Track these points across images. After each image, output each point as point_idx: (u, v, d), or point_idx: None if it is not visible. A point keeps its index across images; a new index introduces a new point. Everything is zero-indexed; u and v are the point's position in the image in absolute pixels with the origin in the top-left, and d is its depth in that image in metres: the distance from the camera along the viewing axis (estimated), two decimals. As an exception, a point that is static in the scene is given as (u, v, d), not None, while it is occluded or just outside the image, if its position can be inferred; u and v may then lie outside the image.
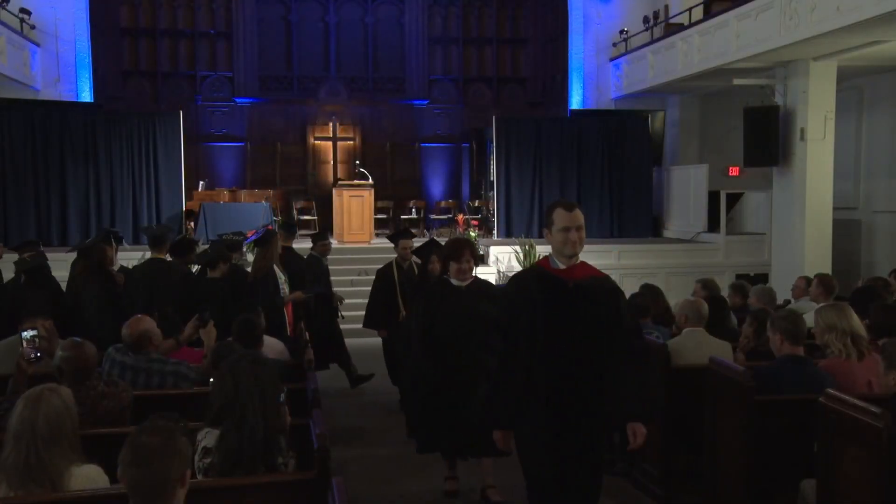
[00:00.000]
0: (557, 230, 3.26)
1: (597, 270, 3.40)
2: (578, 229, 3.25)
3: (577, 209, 3.30)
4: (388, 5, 17.72)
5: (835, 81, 10.82)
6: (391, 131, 17.69)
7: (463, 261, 4.55)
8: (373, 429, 6.46)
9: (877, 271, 10.70)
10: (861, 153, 12.45)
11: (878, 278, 7.04)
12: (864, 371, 4.01)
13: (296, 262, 7.27)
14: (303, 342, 5.41)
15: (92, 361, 3.49)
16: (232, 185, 16.18)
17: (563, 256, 3.30)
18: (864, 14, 8.32)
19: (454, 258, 4.56)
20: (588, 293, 3.28)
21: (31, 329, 3.69)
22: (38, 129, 12.39)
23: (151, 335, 4.10)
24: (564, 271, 3.29)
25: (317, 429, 3.08)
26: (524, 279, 3.45)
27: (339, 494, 2.46)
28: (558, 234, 3.26)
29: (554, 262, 3.34)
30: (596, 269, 3.41)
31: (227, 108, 17.13)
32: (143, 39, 16.91)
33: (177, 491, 2.18)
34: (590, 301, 3.27)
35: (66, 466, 2.57)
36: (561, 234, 3.26)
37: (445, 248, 4.71)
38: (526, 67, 18.12)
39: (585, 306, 3.26)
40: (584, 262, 3.36)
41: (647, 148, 14.04)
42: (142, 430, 2.23)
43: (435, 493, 4.93)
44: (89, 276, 6.00)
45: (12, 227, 12.15)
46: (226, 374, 2.90)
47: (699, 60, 11.94)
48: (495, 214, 13.70)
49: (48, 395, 2.62)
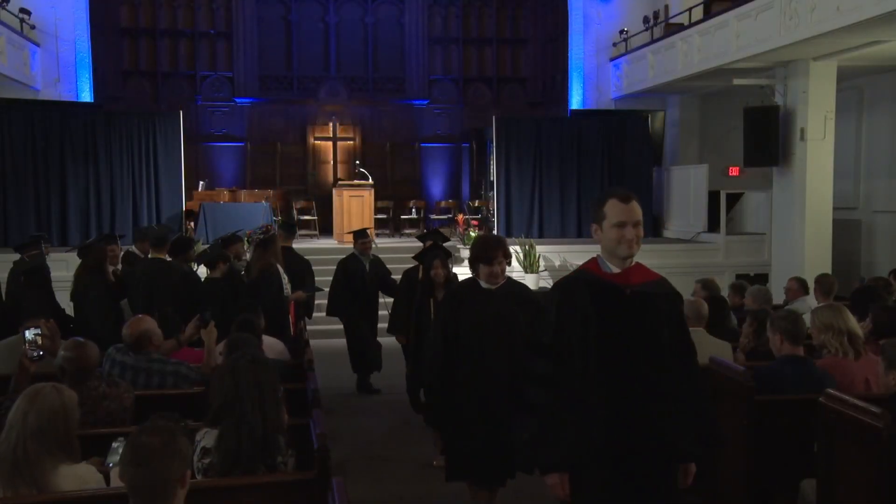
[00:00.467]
0: (611, 226, 2.72)
1: (653, 272, 2.90)
2: (636, 225, 2.72)
3: (635, 201, 2.74)
4: (388, 5, 17.72)
5: (835, 81, 10.82)
6: (391, 131, 17.70)
7: (495, 263, 3.91)
8: (373, 429, 6.46)
9: (877, 271, 10.71)
10: (861, 153, 12.45)
11: (878, 278, 7.05)
12: (861, 370, 4.03)
13: (296, 262, 7.28)
14: (303, 342, 5.41)
15: (94, 361, 3.49)
16: (232, 185, 16.18)
17: (616, 258, 2.76)
18: (864, 14, 8.31)
19: (484, 260, 3.92)
20: (648, 301, 2.77)
21: (33, 328, 3.70)
22: (38, 129, 12.38)
23: (152, 335, 4.10)
24: (619, 276, 2.77)
25: (317, 429, 3.09)
26: (571, 288, 2.82)
27: (339, 494, 2.46)
28: (612, 230, 2.72)
29: (605, 266, 2.80)
30: (651, 270, 2.90)
31: (227, 108, 17.14)
32: (143, 39, 16.91)
33: (177, 491, 2.18)
34: (650, 311, 2.76)
35: (53, 465, 2.56)
36: (615, 230, 2.71)
37: (474, 248, 4.03)
38: (526, 67, 18.12)
39: (646, 317, 2.75)
40: (639, 264, 2.85)
41: (647, 148, 14.04)
42: (142, 431, 2.24)
43: (435, 494, 4.92)
44: (89, 276, 6.01)
45: (12, 227, 12.15)
46: (225, 372, 2.91)
47: (699, 60, 11.93)
48: (495, 214, 13.70)
49: (49, 392, 2.63)
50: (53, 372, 3.51)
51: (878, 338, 4.29)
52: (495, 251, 3.92)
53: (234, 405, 2.81)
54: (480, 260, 3.93)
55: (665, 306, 2.81)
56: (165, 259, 6.48)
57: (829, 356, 4.09)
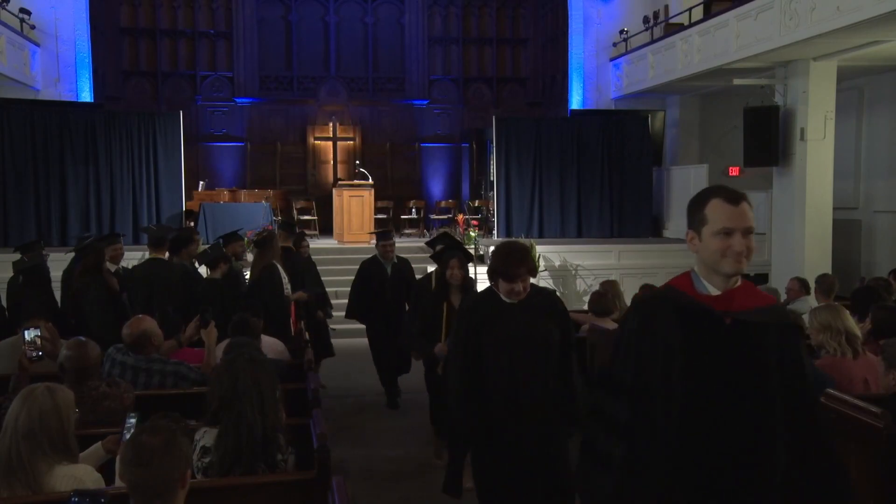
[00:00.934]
0: (713, 233, 2.10)
1: (765, 294, 2.28)
2: (747, 234, 2.08)
3: (746, 202, 2.13)
4: (388, 5, 17.73)
5: (835, 81, 10.82)
6: (391, 131, 17.71)
7: (517, 282, 3.32)
8: (373, 429, 6.46)
9: (877, 271, 10.71)
10: (861, 153, 12.46)
11: (878, 278, 7.06)
12: (860, 369, 4.04)
13: (296, 263, 7.27)
14: (303, 342, 5.41)
15: (94, 361, 3.49)
16: (232, 185, 16.20)
17: (718, 275, 2.13)
18: (864, 14, 8.32)
19: (506, 276, 3.33)
20: (755, 334, 2.13)
21: (32, 329, 3.71)
22: (38, 129, 12.38)
23: (152, 335, 4.10)
24: (719, 299, 2.14)
25: (317, 429, 3.09)
26: (653, 312, 2.21)
27: (339, 494, 2.46)
28: (714, 239, 2.10)
29: (700, 285, 2.17)
30: (762, 292, 2.31)
31: (227, 108, 17.15)
32: (143, 39, 16.92)
33: (177, 491, 2.19)
34: (757, 347, 2.12)
35: (48, 466, 2.56)
36: (719, 239, 2.09)
37: (493, 259, 3.42)
38: (526, 67, 18.13)
39: (750, 355, 2.11)
40: (748, 283, 2.21)
41: (647, 148, 14.04)
42: (143, 430, 2.24)
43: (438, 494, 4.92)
44: (88, 277, 6.01)
45: (12, 227, 12.14)
46: (223, 371, 2.91)
47: (699, 60, 11.94)
48: (495, 214, 13.70)
49: (40, 393, 2.62)
50: (54, 372, 3.51)
51: (878, 338, 4.29)
52: (517, 268, 3.30)
53: (232, 404, 2.81)
54: (500, 275, 3.36)
55: (778, 341, 2.15)
56: (165, 259, 6.48)
57: (828, 356, 4.10)
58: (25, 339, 3.65)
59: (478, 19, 18.07)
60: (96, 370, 3.53)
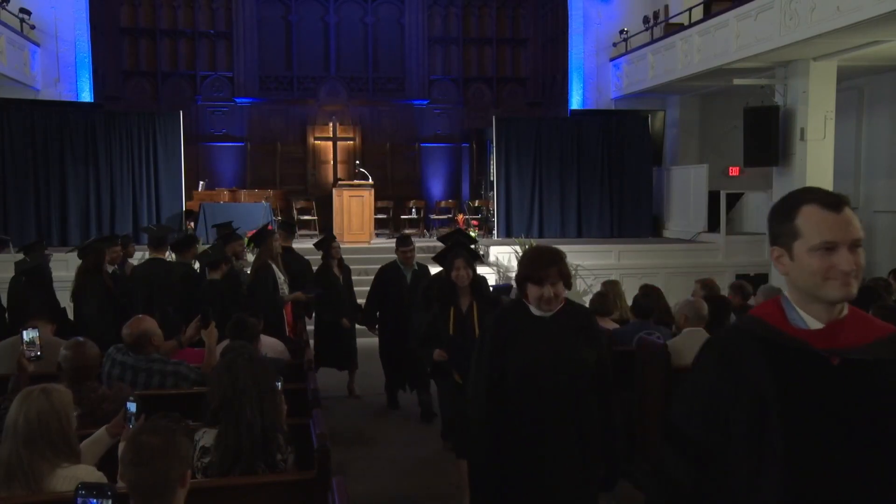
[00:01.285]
0: (811, 249, 1.66)
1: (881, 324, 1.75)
2: (854, 247, 1.65)
3: (848, 207, 1.70)
4: (388, 5, 17.73)
5: (835, 81, 10.82)
6: (391, 131, 17.70)
7: (546, 285, 2.93)
8: (373, 429, 6.46)
9: (877, 271, 10.70)
10: (861, 153, 12.46)
11: (878, 278, 7.05)
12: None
13: (296, 263, 7.27)
14: (303, 342, 5.41)
15: (92, 361, 3.48)
16: (232, 185, 16.20)
17: (819, 303, 1.68)
18: (864, 14, 8.32)
19: (534, 279, 2.93)
20: (871, 378, 1.65)
21: (31, 329, 3.70)
22: (38, 129, 12.39)
23: (151, 335, 4.09)
24: (820, 334, 1.68)
25: (317, 429, 3.09)
26: (735, 350, 1.74)
27: (339, 494, 2.45)
28: (812, 257, 1.66)
29: (795, 316, 1.71)
30: (876, 320, 1.77)
31: (227, 108, 17.15)
32: (143, 39, 16.92)
33: (177, 491, 2.18)
34: (875, 393, 1.64)
35: (49, 468, 2.55)
36: (819, 257, 1.65)
37: (521, 264, 3.06)
38: (526, 67, 18.13)
39: (866, 404, 1.63)
40: (856, 311, 1.73)
41: (647, 148, 14.04)
42: (142, 430, 2.24)
43: (437, 493, 4.92)
44: (89, 277, 6.01)
45: (12, 227, 12.15)
46: (223, 371, 2.91)
47: (699, 60, 11.94)
48: (495, 214, 13.71)
49: (36, 395, 2.61)
50: (53, 372, 3.51)
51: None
52: (547, 268, 2.90)
53: (232, 404, 2.82)
54: (528, 279, 2.95)
55: None
56: (165, 259, 6.49)
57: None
58: (24, 339, 3.65)
59: (478, 19, 18.07)
60: (95, 371, 3.53)
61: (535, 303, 2.96)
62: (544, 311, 2.97)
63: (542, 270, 2.90)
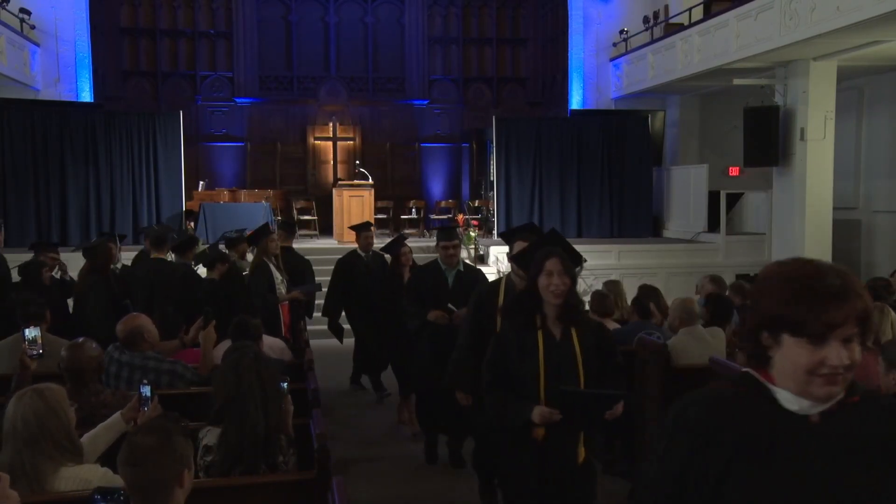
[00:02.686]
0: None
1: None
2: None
3: None
4: (388, 5, 17.73)
5: (835, 81, 10.82)
6: (391, 131, 17.70)
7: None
8: (373, 429, 6.45)
9: (877, 271, 10.71)
10: (861, 153, 12.46)
11: (878, 278, 7.04)
12: (858, 370, 4.01)
13: (296, 262, 7.27)
14: (303, 342, 5.41)
15: (92, 363, 3.44)
16: (232, 185, 16.20)
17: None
18: (864, 14, 8.32)
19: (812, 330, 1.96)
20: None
21: (33, 327, 3.70)
22: (38, 129, 12.38)
23: (144, 331, 4.06)
24: None
25: (317, 429, 3.09)
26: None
27: (339, 494, 2.45)
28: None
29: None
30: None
31: (227, 108, 17.15)
32: (143, 39, 16.92)
33: (175, 491, 2.17)
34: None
35: (52, 468, 2.54)
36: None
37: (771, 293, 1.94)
38: (526, 67, 18.12)
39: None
40: None
41: (647, 148, 14.04)
42: (138, 430, 2.24)
43: (437, 493, 4.92)
44: (93, 277, 6.01)
45: (12, 227, 12.13)
46: (228, 370, 2.91)
47: (699, 60, 11.94)
48: (495, 214, 13.70)
49: (30, 396, 2.60)
50: (54, 372, 3.51)
51: (878, 338, 4.28)
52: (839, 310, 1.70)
53: (236, 403, 2.82)
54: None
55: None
56: (166, 259, 6.49)
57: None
58: (26, 337, 3.65)
59: (478, 19, 18.07)
60: (96, 372, 3.49)
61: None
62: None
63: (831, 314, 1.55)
